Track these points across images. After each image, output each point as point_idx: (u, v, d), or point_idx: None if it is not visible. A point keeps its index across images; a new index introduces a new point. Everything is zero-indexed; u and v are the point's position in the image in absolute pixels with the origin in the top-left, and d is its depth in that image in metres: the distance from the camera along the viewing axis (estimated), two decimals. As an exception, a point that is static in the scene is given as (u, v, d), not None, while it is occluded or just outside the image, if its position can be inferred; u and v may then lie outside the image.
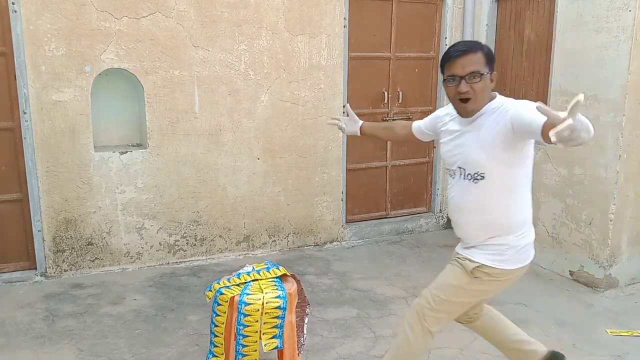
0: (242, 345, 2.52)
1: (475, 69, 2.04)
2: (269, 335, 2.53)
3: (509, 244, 2.17)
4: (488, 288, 2.23)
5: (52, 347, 3.04)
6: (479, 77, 2.04)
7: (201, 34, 4.06)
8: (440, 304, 2.21)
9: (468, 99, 2.07)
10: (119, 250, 4.13)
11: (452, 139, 2.23)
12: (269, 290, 2.56)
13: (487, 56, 2.08)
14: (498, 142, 2.03)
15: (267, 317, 2.51)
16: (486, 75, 2.06)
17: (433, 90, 5.08)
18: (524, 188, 2.21)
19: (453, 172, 2.24)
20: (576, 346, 3.13)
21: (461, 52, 2.05)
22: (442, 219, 5.29)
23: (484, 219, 2.16)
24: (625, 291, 3.88)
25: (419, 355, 2.26)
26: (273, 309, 2.51)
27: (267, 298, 2.51)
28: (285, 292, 2.56)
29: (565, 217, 4.10)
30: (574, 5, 3.90)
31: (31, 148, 3.78)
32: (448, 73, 2.09)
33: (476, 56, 2.05)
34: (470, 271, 2.17)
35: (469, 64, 2.04)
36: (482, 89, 2.06)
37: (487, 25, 4.82)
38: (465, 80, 2.04)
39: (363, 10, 4.65)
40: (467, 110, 2.11)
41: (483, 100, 2.09)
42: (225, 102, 4.22)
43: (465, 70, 2.04)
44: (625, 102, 3.61)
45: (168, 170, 4.16)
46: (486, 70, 2.06)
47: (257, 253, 4.54)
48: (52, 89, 3.75)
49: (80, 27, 3.75)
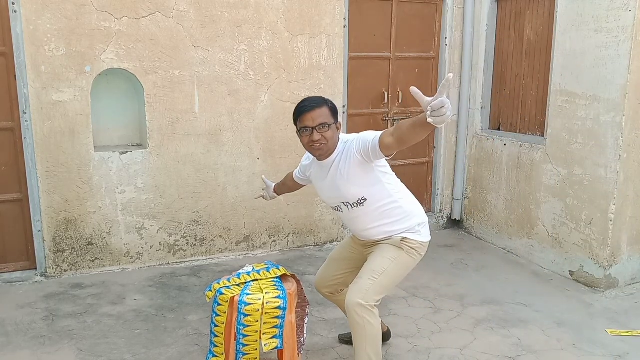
0: (242, 345, 2.52)
1: (324, 121, 2.41)
2: (269, 335, 2.53)
3: (419, 222, 2.56)
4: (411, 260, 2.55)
5: (52, 347, 3.04)
6: (327, 127, 2.41)
7: (201, 34, 4.06)
8: (378, 282, 2.45)
9: (321, 145, 2.42)
10: (119, 250, 4.13)
11: (323, 184, 2.58)
12: (269, 290, 2.56)
13: (331, 110, 2.46)
14: (359, 171, 2.41)
15: (267, 317, 2.51)
16: (333, 125, 2.43)
17: (433, 91, 5.08)
18: (398, 187, 2.57)
19: (339, 208, 2.57)
20: (576, 346, 3.13)
21: (310, 108, 2.42)
22: (442, 219, 5.29)
23: (384, 225, 2.52)
24: (625, 291, 3.88)
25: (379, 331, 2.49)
26: (273, 309, 2.51)
27: (267, 298, 2.51)
28: (285, 292, 2.56)
29: (565, 217, 4.10)
30: (574, 5, 3.90)
31: (31, 148, 3.78)
32: (301, 125, 2.44)
33: (323, 109, 2.42)
34: (401, 242, 2.50)
35: (318, 117, 2.41)
36: (332, 136, 2.43)
37: (487, 25, 4.82)
38: (316, 130, 2.40)
39: (363, 10, 4.66)
40: (321, 155, 2.47)
41: (334, 144, 2.46)
42: (225, 102, 4.22)
43: (316, 121, 2.40)
44: (625, 102, 3.61)
45: (168, 171, 4.16)
46: (332, 121, 2.43)
47: (257, 253, 4.54)
48: (52, 89, 3.75)
49: (80, 27, 3.75)
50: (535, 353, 3.05)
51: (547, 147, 4.21)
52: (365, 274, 2.48)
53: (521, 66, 4.58)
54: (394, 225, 2.52)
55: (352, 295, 2.43)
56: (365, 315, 2.40)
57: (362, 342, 2.43)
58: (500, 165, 4.73)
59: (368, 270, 2.48)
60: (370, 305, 2.40)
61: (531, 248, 4.43)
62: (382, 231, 2.53)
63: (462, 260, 4.48)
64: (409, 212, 2.54)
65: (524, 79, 4.57)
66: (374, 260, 2.52)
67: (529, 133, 4.55)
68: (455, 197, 5.24)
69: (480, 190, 4.99)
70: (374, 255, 2.54)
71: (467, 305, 3.63)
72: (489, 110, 4.97)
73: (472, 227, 5.12)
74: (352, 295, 2.43)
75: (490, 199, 4.87)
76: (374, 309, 2.42)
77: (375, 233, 2.55)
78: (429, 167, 5.25)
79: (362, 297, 2.40)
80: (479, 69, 4.93)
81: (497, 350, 3.08)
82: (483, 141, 4.93)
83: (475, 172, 5.06)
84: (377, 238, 2.57)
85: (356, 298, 2.40)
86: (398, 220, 2.51)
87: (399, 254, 2.50)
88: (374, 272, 2.46)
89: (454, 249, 4.76)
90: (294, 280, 2.75)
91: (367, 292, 2.42)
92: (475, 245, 4.88)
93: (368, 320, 2.40)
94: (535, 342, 3.16)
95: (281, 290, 2.56)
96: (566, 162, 4.05)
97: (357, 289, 2.44)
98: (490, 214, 4.88)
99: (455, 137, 5.16)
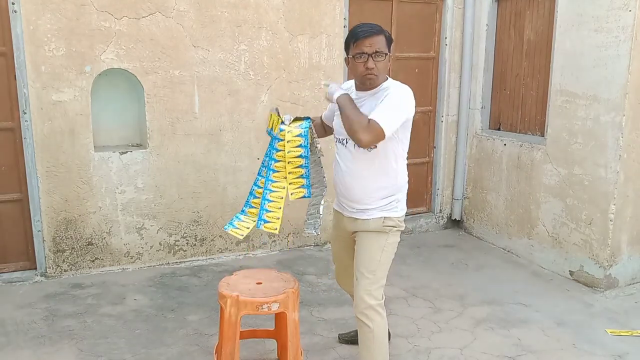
0: (270, 190, 2.51)
1: (380, 49, 2.34)
2: (296, 185, 2.49)
3: (397, 199, 2.53)
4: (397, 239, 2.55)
5: (52, 347, 3.04)
6: (383, 56, 2.35)
7: (201, 34, 4.06)
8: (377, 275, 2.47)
9: (373, 74, 2.35)
10: (119, 250, 4.13)
11: None
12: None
13: (387, 40, 2.38)
14: None
15: (290, 167, 2.47)
16: (387, 56, 2.37)
17: (433, 90, 5.08)
18: (404, 156, 2.54)
19: (345, 141, 2.49)
20: (576, 346, 3.13)
21: (369, 33, 2.32)
22: (442, 219, 5.29)
23: (378, 182, 2.46)
24: (625, 291, 3.88)
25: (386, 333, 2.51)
26: (295, 158, 2.45)
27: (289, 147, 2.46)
28: (306, 135, 2.47)
29: (565, 217, 4.10)
30: (574, 5, 3.90)
31: (31, 148, 3.78)
32: (357, 50, 2.34)
33: (380, 37, 2.34)
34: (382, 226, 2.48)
35: (375, 43, 2.33)
36: (384, 67, 2.37)
37: (487, 25, 4.82)
38: (372, 57, 2.32)
39: (363, 10, 4.66)
40: (372, 84, 2.39)
41: (384, 76, 2.42)
42: (225, 102, 4.22)
43: (372, 49, 2.32)
44: (625, 102, 3.61)
45: (168, 171, 4.16)
46: (387, 51, 2.37)
47: (257, 253, 4.54)
48: (52, 89, 3.75)
49: (80, 27, 3.75)
50: (535, 353, 3.05)
51: (547, 147, 4.21)
52: (362, 274, 2.48)
53: (521, 66, 4.58)
54: (378, 190, 2.46)
55: (359, 299, 2.45)
56: (375, 317, 2.43)
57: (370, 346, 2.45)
58: (500, 165, 4.73)
59: (364, 269, 2.49)
60: (379, 304, 2.44)
61: (531, 248, 4.43)
62: (366, 190, 2.47)
63: (462, 260, 4.48)
64: (398, 185, 2.51)
65: (524, 79, 4.57)
66: (364, 255, 2.50)
67: (529, 133, 4.55)
68: (455, 197, 5.24)
69: (480, 190, 4.99)
70: (362, 249, 2.52)
71: (467, 305, 3.63)
72: (489, 110, 4.97)
73: (472, 227, 5.12)
74: (360, 300, 2.44)
75: (490, 199, 4.86)
76: (382, 308, 2.45)
77: (359, 187, 2.48)
78: (429, 167, 5.25)
79: (370, 297, 2.43)
80: (479, 68, 4.92)
81: (497, 350, 3.08)
82: (483, 141, 4.93)
83: (475, 172, 5.06)
84: (357, 201, 2.50)
85: (365, 301, 2.43)
86: (385, 187, 2.47)
87: (385, 239, 2.49)
88: (370, 269, 2.47)
89: (454, 249, 4.76)
90: (295, 280, 2.75)
91: (371, 291, 2.44)
92: (475, 245, 4.88)
93: (377, 323, 2.43)
94: (535, 342, 3.17)
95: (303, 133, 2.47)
96: (566, 162, 4.05)
97: (362, 291, 2.45)
98: (490, 214, 4.88)
99: (455, 137, 5.16)
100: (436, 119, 5.14)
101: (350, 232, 2.62)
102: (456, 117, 5.11)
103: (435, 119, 5.14)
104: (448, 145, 5.18)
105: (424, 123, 5.09)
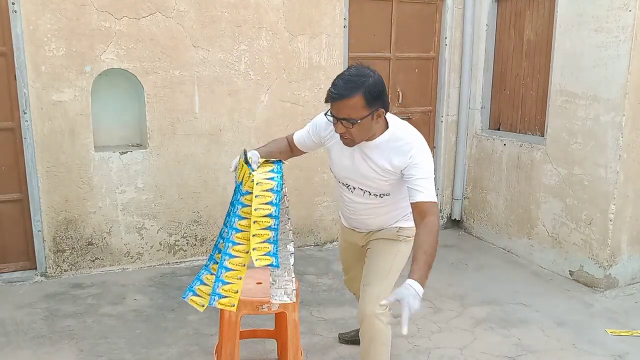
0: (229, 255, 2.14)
1: (348, 116, 2.02)
2: (261, 252, 2.12)
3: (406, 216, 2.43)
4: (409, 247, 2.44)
5: (52, 347, 3.04)
6: (352, 123, 2.04)
7: (201, 34, 4.06)
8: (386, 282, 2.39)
9: (347, 139, 2.13)
10: (119, 250, 4.13)
11: (344, 162, 2.31)
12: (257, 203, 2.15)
13: (367, 96, 2.00)
14: (396, 177, 2.21)
15: (256, 228, 2.12)
16: (366, 119, 2.04)
17: (433, 90, 5.08)
18: None
19: (352, 189, 2.36)
20: (576, 346, 3.13)
21: (337, 97, 2.02)
22: (442, 219, 5.29)
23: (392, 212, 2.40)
24: (625, 291, 3.88)
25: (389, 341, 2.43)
26: (263, 217, 2.11)
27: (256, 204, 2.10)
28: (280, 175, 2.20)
29: (565, 217, 4.10)
30: (574, 5, 3.90)
31: (31, 148, 3.78)
32: (330, 109, 2.10)
33: (352, 101, 2.00)
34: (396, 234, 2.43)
35: (343, 109, 2.03)
36: (358, 132, 2.08)
37: (487, 25, 4.82)
38: (341, 122, 2.06)
39: (363, 10, 4.66)
40: (349, 145, 2.18)
41: (364, 137, 2.14)
42: (225, 102, 4.22)
43: (339, 115, 2.05)
44: (625, 102, 3.61)
45: (168, 171, 4.16)
46: (364, 114, 2.02)
47: (257, 253, 4.54)
48: (52, 89, 3.75)
49: (80, 27, 3.75)
50: (535, 353, 3.06)
51: (547, 147, 4.21)
52: (371, 281, 2.41)
53: (521, 66, 4.58)
54: (395, 217, 2.44)
55: (366, 306, 2.37)
56: (379, 325, 2.35)
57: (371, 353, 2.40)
58: (500, 165, 4.73)
59: (374, 275, 2.42)
60: (384, 313, 2.36)
61: (531, 248, 4.43)
62: (382, 221, 2.44)
63: (462, 260, 4.48)
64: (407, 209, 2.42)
65: (524, 79, 4.57)
66: (376, 261, 2.45)
67: (528, 133, 4.55)
68: (455, 197, 5.24)
69: (480, 190, 5.00)
70: (374, 255, 2.48)
71: (467, 305, 3.63)
72: (489, 110, 4.97)
73: (472, 227, 5.12)
74: (366, 307, 2.37)
75: (490, 199, 4.87)
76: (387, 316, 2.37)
77: (373, 219, 2.45)
78: (429, 167, 5.24)
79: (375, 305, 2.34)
80: (479, 69, 4.93)
81: (497, 350, 3.08)
82: (483, 141, 4.93)
83: (475, 172, 5.06)
84: (373, 227, 2.48)
85: (370, 309, 2.35)
86: (399, 209, 2.42)
87: (398, 247, 2.45)
88: (379, 276, 2.41)
89: (454, 249, 4.76)
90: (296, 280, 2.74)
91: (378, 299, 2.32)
92: (475, 245, 4.88)
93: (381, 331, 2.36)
94: (535, 342, 3.17)
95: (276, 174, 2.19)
96: (566, 162, 4.05)
97: (369, 299, 2.37)
98: (490, 214, 4.88)
99: (455, 137, 5.16)
100: (436, 119, 5.14)
101: (362, 244, 2.59)
102: (456, 117, 5.11)
103: (435, 119, 5.14)
104: (448, 145, 5.18)
105: (424, 123, 5.08)
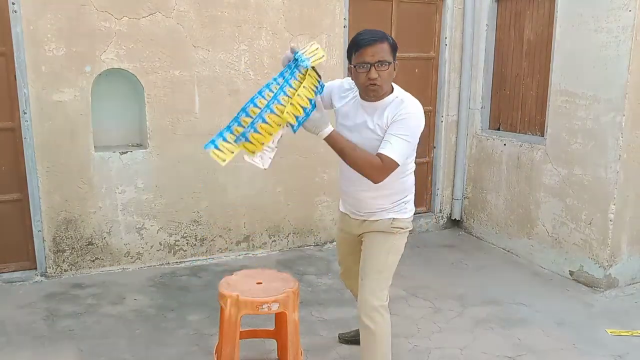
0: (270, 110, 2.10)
1: (383, 58, 2.21)
2: (294, 110, 2.14)
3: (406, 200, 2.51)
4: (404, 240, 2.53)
5: (52, 347, 3.04)
6: (387, 65, 2.22)
7: (201, 34, 4.06)
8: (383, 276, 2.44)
9: (377, 86, 2.24)
10: (119, 250, 4.13)
11: (347, 123, 2.40)
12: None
13: (392, 47, 2.25)
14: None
15: (291, 108, 2.13)
16: (391, 65, 2.24)
17: (433, 90, 5.08)
18: (413, 159, 2.50)
19: None
20: (576, 346, 3.13)
21: (371, 41, 2.20)
22: (442, 219, 5.29)
23: (387, 191, 2.41)
24: (625, 291, 3.88)
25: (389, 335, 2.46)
26: (304, 99, 2.15)
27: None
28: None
29: (565, 217, 4.10)
30: (574, 5, 3.90)
31: (31, 148, 3.78)
32: (358, 60, 2.23)
33: (384, 45, 2.21)
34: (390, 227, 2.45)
35: (378, 52, 2.20)
36: (388, 77, 2.25)
37: (487, 25, 4.82)
38: (374, 67, 2.20)
39: (363, 10, 4.65)
40: (375, 96, 2.29)
41: (389, 86, 2.30)
42: (225, 102, 4.22)
43: (374, 58, 2.20)
44: (625, 102, 3.61)
45: (168, 171, 4.16)
46: (391, 59, 2.24)
47: (257, 253, 4.54)
48: (52, 89, 3.75)
49: (80, 27, 3.75)
50: (535, 353, 3.06)
51: (547, 147, 4.21)
52: (368, 274, 2.45)
53: (521, 66, 4.58)
54: (389, 197, 2.43)
55: (363, 300, 2.42)
56: (378, 319, 2.39)
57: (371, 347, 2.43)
58: (500, 165, 4.73)
59: (370, 269, 2.46)
60: (383, 306, 2.40)
61: (531, 248, 4.43)
62: (376, 201, 2.43)
63: (462, 260, 4.48)
64: (407, 186, 2.50)
65: (524, 79, 4.57)
66: (371, 256, 2.48)
67: (528, 133, 4.55)
68: (455, 197, 5.24)
69: (480, 190, 4.99)
70: (369, 249, 2.50)
71: (467, 305, 3.63)
72: (489, 110, 4.97)
73: (472, 227, 5.12)
74: (364, 301, 2.41)
75: (490, 199, 4.87)
76: (386, 310, 2.42)
77: (369, 199, 2.44)
78: (428, 167, 5.25)
79: (374, 298, 2.39)
80: (479, 69, 4.92)
81: (497, 350, 3.08)
82: (483, 141, 4.93)
83: (475, 172, 5.06)
84: (367, 210, 2.48)
85: (369, 302, 2.39)
86: (395, 192, 2.44)
87: (393, 240, 2.47)
88: (376, 270, 2.44)
89: (454, 249, 4.76)
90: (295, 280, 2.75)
91: (376, 292, 2.41)
92: (475, 245, 4.88)
93: (380, 325, 2.39)
94: (536, 342, 3.17)
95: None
96: (566, 162, 4.05)
97: (367, 292, 2.42)
98: (490, 214, 4.88)
99: (455, 137, 5.16)
100: (436, 119, 5.14)
101: (357, 234, 2.60)
102: (456, 117, 5.11)
103: (435, 118, 5.14)
104: (448, 145, 5.18)
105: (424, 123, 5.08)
